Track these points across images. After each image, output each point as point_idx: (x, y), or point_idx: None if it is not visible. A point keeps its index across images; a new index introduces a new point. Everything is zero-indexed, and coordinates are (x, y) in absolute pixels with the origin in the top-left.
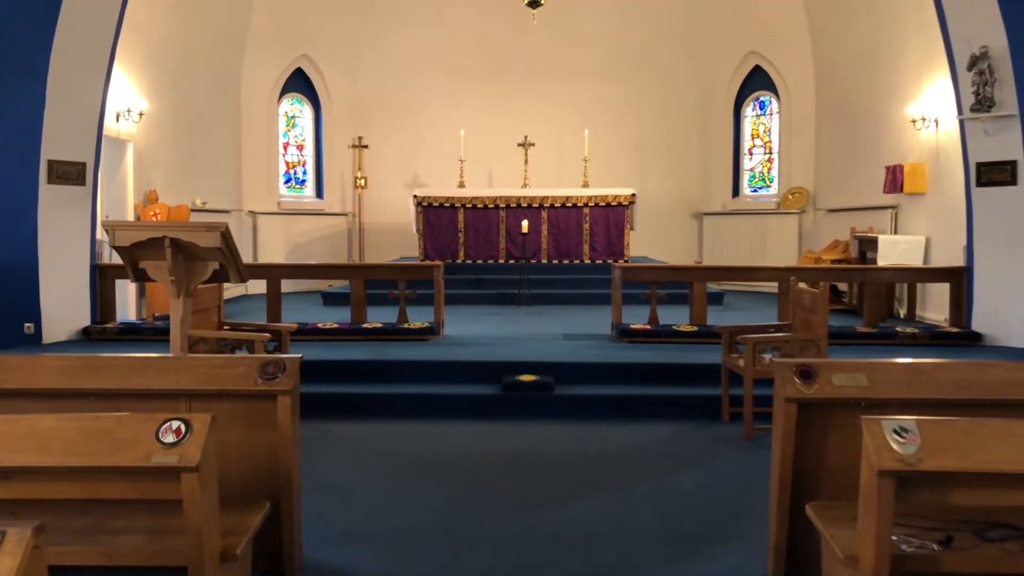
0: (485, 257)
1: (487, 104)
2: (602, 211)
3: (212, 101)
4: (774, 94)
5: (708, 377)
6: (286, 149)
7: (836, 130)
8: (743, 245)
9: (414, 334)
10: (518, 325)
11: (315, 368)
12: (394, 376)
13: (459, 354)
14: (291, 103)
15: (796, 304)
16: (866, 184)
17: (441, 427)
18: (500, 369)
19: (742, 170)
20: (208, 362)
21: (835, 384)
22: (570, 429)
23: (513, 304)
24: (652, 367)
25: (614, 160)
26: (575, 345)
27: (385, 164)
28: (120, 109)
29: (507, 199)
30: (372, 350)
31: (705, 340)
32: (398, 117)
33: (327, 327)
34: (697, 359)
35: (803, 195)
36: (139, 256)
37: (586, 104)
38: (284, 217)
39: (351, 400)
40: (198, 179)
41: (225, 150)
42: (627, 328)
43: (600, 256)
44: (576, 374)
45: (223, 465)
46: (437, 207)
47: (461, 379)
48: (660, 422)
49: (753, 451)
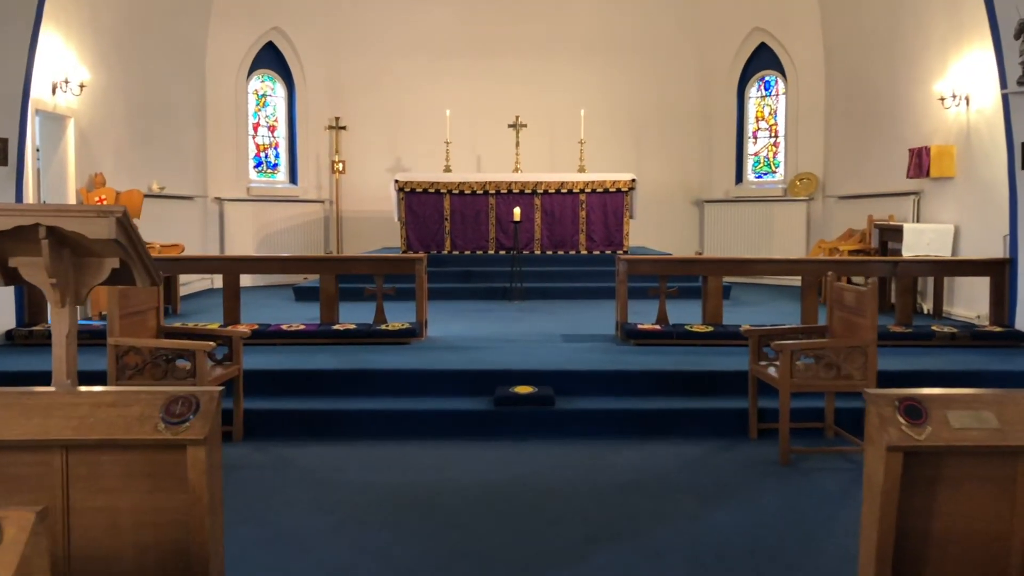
0: (473, 248)
1: (476, 82)
2: (600, 198)
3: (172, 76)
4: (780, 74)
5: (730, 387)
6: (256, 130)
7: (849, 111)
8: (747, 234)
9: (392, 336)
10: (510, 324)
11: (275, 379)
12: (368, 388)
13: (444, 361)
14: (261, 80)
15: (835, 303)
16: (883, 169)
17: (423, 450)
18: (491, 379)
19: (746, 155)
20: (93, 399)
21: (954, 426)
22: (574, 451)
23: (504, 299)
24: (665, 375)
25: (610, 144)
26: (576, 348)
27: (365, 147)
28: (56, 80)
29: (497, 184)
30: (343, 356)
31: (722, 342)
32: (379, 96)
33: (292, 329)
34: (716, 365)
35: (812, 181)
36: (9, 250)
37: (581, 83)
38: (254, 204)
39: (317, 418)
40: (155, 162)
41: (187, 131)
42: (634, 328)
43: (598, 246)
44: (579, 384)
45: (111, 543)
46: (421, 193)
47: (447, 391)
48: (678, 441)
49: (793, 480)
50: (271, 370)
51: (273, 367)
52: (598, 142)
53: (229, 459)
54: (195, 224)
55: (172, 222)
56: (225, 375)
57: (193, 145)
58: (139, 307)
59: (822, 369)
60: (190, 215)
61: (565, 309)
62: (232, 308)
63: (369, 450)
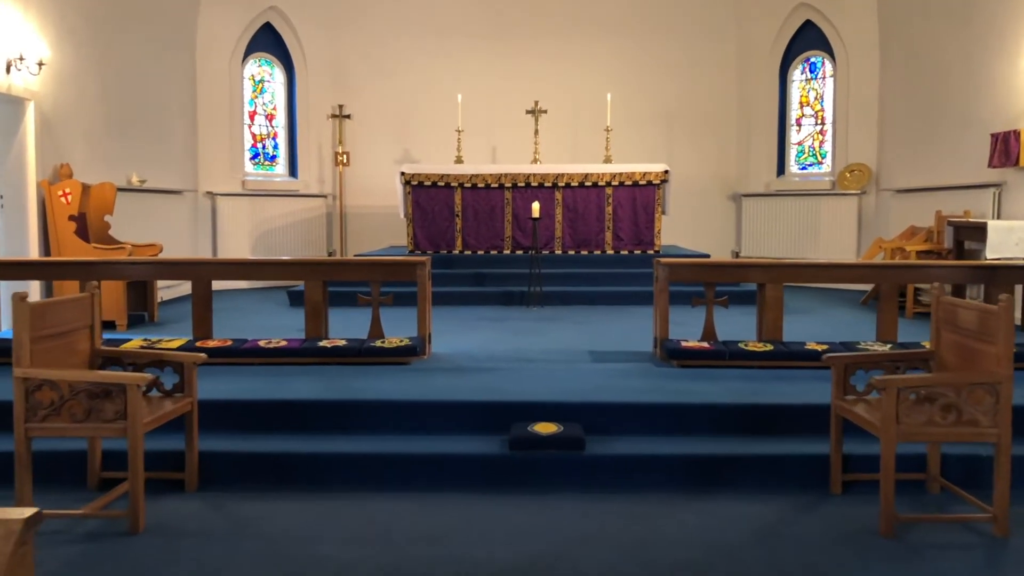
0: (487, 247)
1: (491, 65)
2: (628, 191)
3: (156, 57)
4: (828, 54)
5: (802, 424)
6: (253, 119)
7: (908, 94)
8: (789, 232)
9: (389, 355)
10: (528, 336)
11: (241, 412)
12: (356, 424)
13: (449, 388)
14: (258, 65)
15: (945, 323)
16: (953, 158)
17: (418, 509)
18: (506, 413)
19: (788, 144)
20: None
21: None
22: (612, 513)
23: (521, 305)
24: (722, 409)
25: (638, 132)
26: (608, 371)
27: (371, 137)
28: (10, 56)
29: (514, 177)
30: (329, 381)
31: (784, 364)
32: (386, 81)
33: (270, 346)
34: (783, 396)
35: (864, 173)
36: None
37: (606, 65)
38: (250, 199)
39: (290, 464)
40: (135, 152)
41: (175, 118)
42: (678, 347)
43: (625, 246)
44: (614, 420)
45: None
46: (429, 187)
47: (451, 428)
48: (744, 497)
49: (903, 559)
50: (237, 401)
51: (240, 396)
52: (625, 130)
53: (174, 520)
54: (183, 221)
55: (156, 219)
56: (175, 411)
57: (181, 134)
58: (63, 327)
59: (938, 412)
60: (178, 211)
61: (590, 317)
62: (202, 320)
63: (351, 508)
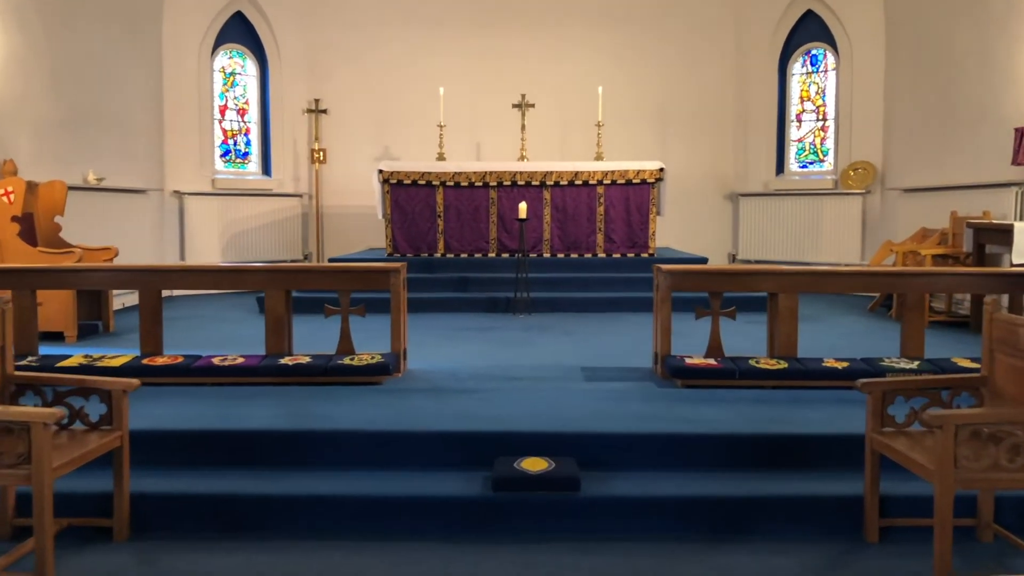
0: (471, 250)
1: (475, 56)
2: (621, 190)
3: (117, 46)
4: (830, 46)
5: (830, 458)
6: (223, 114)
7: (917, 87)
8: (790, 233)
9: (359, 374)
10: (515, 348)
11: (185, 445)
12: (316, 458)
13: (424, 414)
14: (229, 56)
15: (1002, 345)
16: (967, 155)
17: (389, 565)
18: (489, 445)
19: (788, 141)
20: None
21: None
22: (613, 568)
23: (507, 312)
24: (734, 441)
25: (630, 128)
26: (604, 392)
27: (349, 133)
28: None
29: (499, 175)
30: (288, 406)
31: (801, 383)
32: (365, 74)
33: (225, 364)
34: (804, 423)
35: (868, 171)
36: None
37: (597, 57)
38: (221, 199)
39: (238, 507)
40: (93, 148)
41: (138, 112)
42: (681, 365)
43: (618, 248)
44: (613, 452)
45: None
46: (409, 185)
47: (425, 462)
48: (766, 547)
49: None
50: (179, 431)
51: (184, 425)
52: (616, 126)
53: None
54: (148, 223)
55: (116, 220)
56: (100, 447)
57: (146, 130)
58: None
59: (1004, 454)
60: (141, 212)
61: (581, 325)
62: (151, 334)
63: (309, 563)
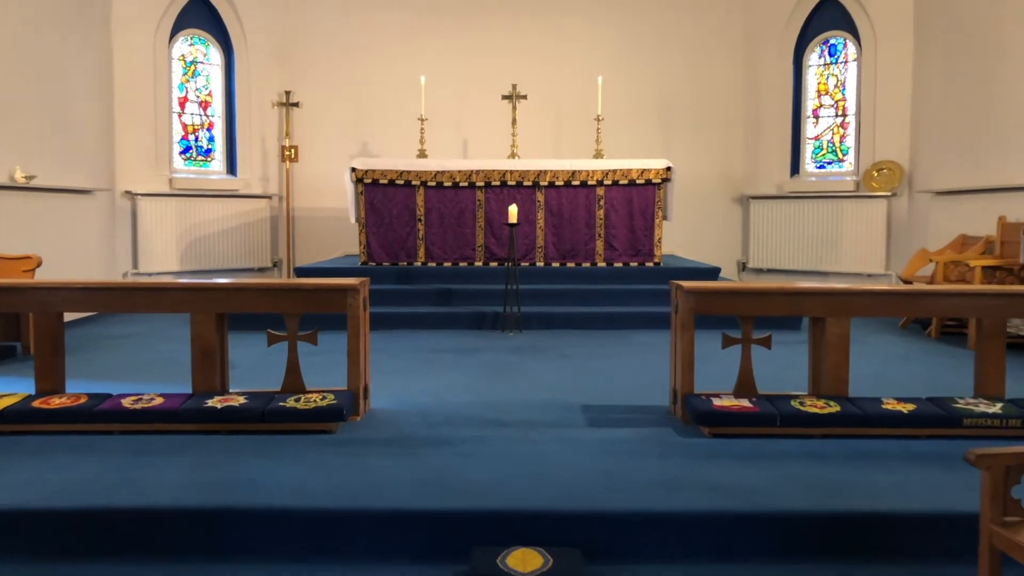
0: (455, 258)
1: (461, 42)
2: (623, 191)
3: (55, 26)
4: (851, 34)
5: (918, 544)
6: (183, 107)
7: (950, 79)
8: (806, 240)
9: (305, 420)
10: (503, 376)
11: (60, 527)
12: (237, 546)
13: (381, 483)
14: (190, 43)
15: None
16: (1011, 153)
17: None
18: (465, 529)
19: (803, 139)
20: None
21: None
22: None
23: (495, 329)
24: (787, 522)
25: (631, 124)
26: (612, 444)
27: (323, 129)
28: None
29: (487, 174)
30: (207, 468)
31: (858, 431)
32: (341, 64)
33: (138, 406)
34: (875, 493)
35: (894, 172)
36: None
37: (596, 45)
38: (179, 200)
39: None
40: (24, 142)
41: (83, 103)
42: (708, 409)
43: (620, 256)
44: (628, 539)
45: None
46: (386, 185)
47: (382, 554)
48: None
49: None
50: (56, 511)
51: (58, 502)
52: (616, 122)
53: None
54: (94, 227)
55: (54, 224)
56: None
57: (92, 123)
58: None
59: None
60: (86, 215)
61: (580, 346)
62: (48, 368)
63: None
